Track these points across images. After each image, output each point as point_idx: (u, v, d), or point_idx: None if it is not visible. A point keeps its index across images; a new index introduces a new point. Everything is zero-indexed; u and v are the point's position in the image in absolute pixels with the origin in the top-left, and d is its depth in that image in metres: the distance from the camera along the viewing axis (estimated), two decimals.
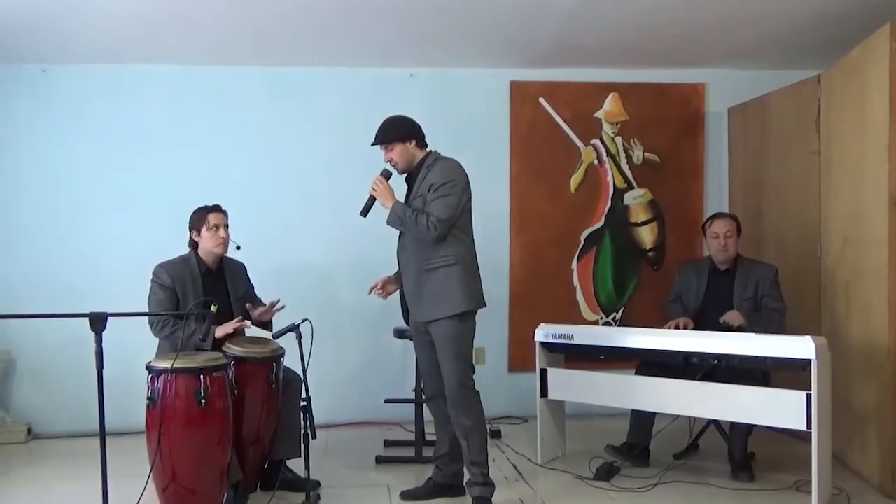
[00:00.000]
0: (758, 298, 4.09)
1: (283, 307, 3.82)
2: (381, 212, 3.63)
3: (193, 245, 3.78)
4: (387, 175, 3.48)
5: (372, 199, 3.44)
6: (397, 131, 3.47)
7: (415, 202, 3.41)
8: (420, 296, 3.42)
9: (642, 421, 4.11)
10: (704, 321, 4.13)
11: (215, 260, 3.80)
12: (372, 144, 3.52)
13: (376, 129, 3.50)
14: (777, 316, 4.01)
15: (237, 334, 3.67)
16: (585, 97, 5.34)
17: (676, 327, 4.09)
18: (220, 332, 3.60)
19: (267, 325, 3.88)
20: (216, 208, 3.79)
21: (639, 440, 4.12)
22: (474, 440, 3.41)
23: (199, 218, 3.74)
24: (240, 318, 3.71)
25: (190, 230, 3.77)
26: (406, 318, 3.60)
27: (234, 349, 3.57)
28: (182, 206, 3.90)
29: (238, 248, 3.80)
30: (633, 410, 4.11)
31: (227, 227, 3.78)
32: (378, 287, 3.62)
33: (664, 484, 3.77)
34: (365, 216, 3.47)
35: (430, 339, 3.47)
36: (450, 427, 3.52)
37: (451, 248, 3.40)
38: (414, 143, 3.48)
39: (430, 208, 3.33)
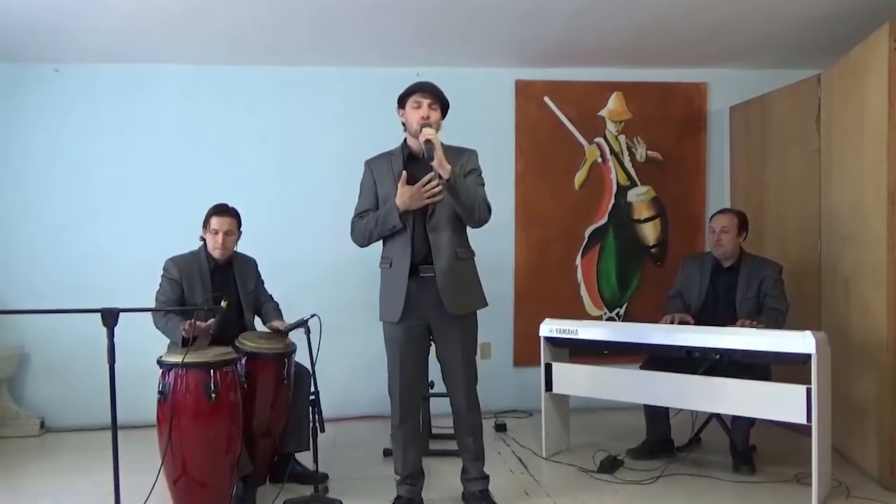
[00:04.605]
0: (760, 297, 4.06)
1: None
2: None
3: (204, 240, 3.76)
4: None
5: (430, 144, 3.01)
6: (446, 103, 3.25)
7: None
8: (458, 284, 3.20)
9: (657, 416, 4.14)
10: (707, 318, 4.11)
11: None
12: (417, 89, 3.19)
13: (423, 82, 3.21)
14: (780, 316, 3.99)
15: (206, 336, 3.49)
16: (589, 96, 5.39)
17: (672, 322, 4.05)
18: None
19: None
20: (222, 212, 3.71)
21: (657, 434, 4.15)
22: (479, 435, 3.40)
23: (206, 218, 3.72)
24: (209, 322, 3.46)
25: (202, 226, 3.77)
26: (402, 313, 3.20)
27: (247, 344, 3.59)
28: (192, 202, 3.95)
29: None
30: (645, 407, 4.15)
31: (228, 233, 3.69)
32: None
33: (667, 476, 3.81)
34: (432, 161, 3.03)
35: (428, 336, 3.29)
36: (421, 445, 3.50)
37: (469, 241, 3.33)
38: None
39: (480, 192, 3.20)
